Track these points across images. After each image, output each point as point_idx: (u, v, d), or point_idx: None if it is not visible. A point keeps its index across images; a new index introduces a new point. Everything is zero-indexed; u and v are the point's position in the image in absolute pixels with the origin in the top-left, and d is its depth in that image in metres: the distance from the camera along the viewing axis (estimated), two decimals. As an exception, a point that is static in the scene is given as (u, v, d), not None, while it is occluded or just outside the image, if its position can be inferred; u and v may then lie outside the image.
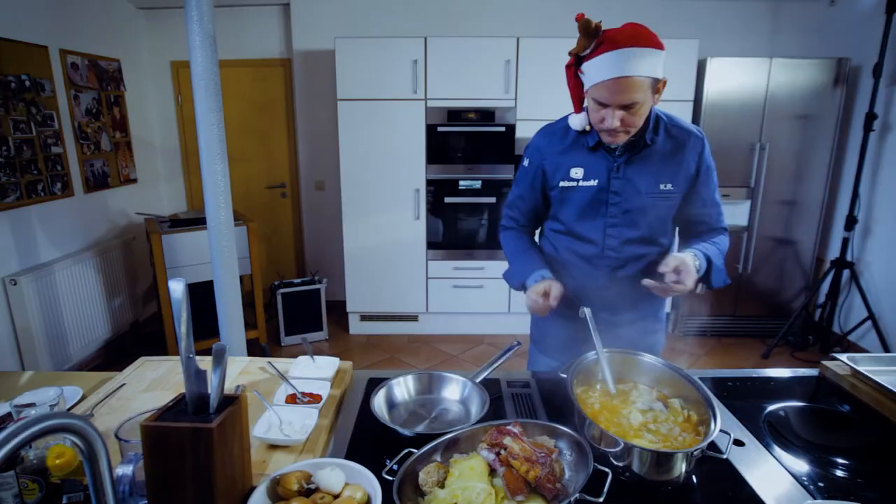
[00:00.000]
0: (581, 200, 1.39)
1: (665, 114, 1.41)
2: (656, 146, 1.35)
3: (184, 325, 0.85)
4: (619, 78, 1.18)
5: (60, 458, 0.89)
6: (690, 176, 1.37)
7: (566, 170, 1.40)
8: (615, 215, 1.38)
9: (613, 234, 1.39)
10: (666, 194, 1.36)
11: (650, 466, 0.95)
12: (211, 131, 1.86)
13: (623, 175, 1.35)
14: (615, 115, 1.23)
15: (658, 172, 1.35)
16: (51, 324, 3.04)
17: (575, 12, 1.37)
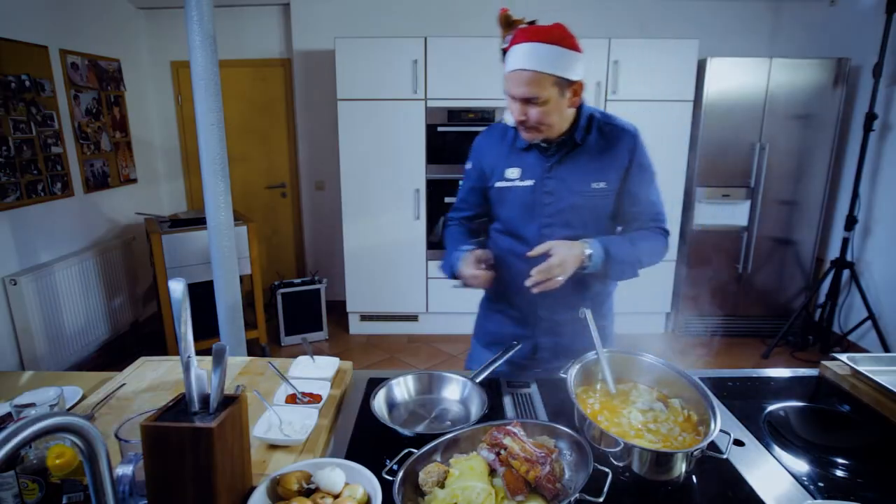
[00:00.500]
0: (516, 200, 1.41)
1: (601, 112, 1.42)
2: (588, 145, 1.36)
3: (184, 325, 0.85)
4: (519, 70, 1.21)
5: (60, 458, 0.89)
6: (622, 172, 1.37)
7: (502, 170, 1.42)
8: (550, 215, 1.38)
9: (548, 233, 1.38)
10: (599, 192, 1.37)
11: (650, 466, 0.95)
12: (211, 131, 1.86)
13: (556, 175, 1.36)
14: (520, 109, 1.26)
15: (590, 171, 1.36)
16: (51, 324, 3.04)
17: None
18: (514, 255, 1.45)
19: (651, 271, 4.37)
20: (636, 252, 1.37)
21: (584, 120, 1.35)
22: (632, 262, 1.37)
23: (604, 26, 3.93)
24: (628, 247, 1.36)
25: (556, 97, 1.24)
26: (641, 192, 1.40)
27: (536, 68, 1.20)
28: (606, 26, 3.93)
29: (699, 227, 3.76)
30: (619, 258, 1.33)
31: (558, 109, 1.27)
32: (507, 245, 1.47)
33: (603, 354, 1.21)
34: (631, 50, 3.52)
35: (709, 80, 3.52)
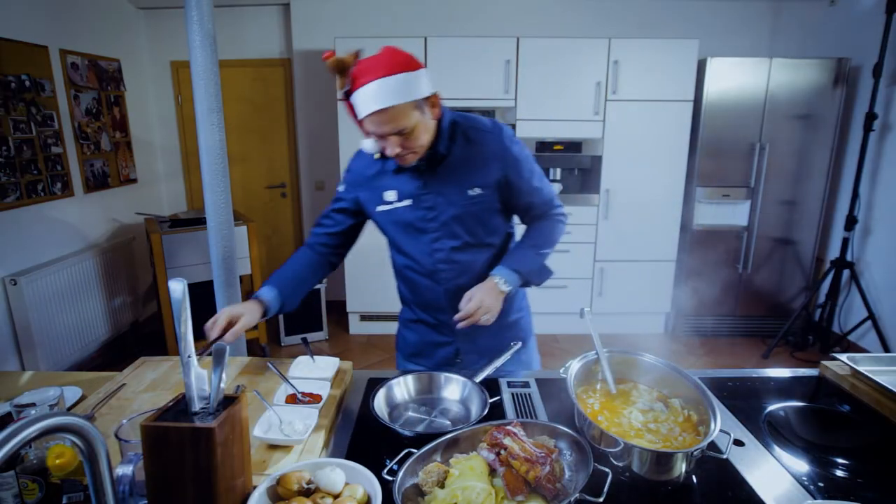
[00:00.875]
0: (401, 221, 1.40)
1: (462, 116, 1.41)
2: (455, 155, 1.35)
3: (184, 325, 0.85)
4: (378, 111, 1.18)
5: (60, 458, 0.89)
6: (496, 174, 1.36)
7: (380, 194, 1.41)
8: (436, 230, 1.38)
9: (439, 246, 1.40)
10: (477, 199, 1.36)
11: (650, 466, 0.95)
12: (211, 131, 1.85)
13: (431, 189, 1.36)
14: (392, 142, 1.23)
15: (463, 180, 1.35)
16: (51, 324, 3.04)
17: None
18: (413, 272, 1.46)
19: (651, 271, 4.37)
20: (541, 255, 1.42)
21: (445, 129, 1.34)
22: (541, 265, 1.42)
23: (604, 26, 3.93)
24: (533, 255, 1.40)
25: (420, 118, 1.24)
26: (523, 183, 1.40)
27: (393, 103, 1.17)
28: (606, 26, 3.93)
29: (699, 227, 3.77)
30: (530, 269, 1.38)
31: (425, 129, 1.27)
32: (404, 262, 1.47)
33: (603, 354, 1.21)
34: (631, 50, 3.52)
35: (709, 80, 3.52)
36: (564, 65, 3.54)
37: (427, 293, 1.47)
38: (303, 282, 1.48)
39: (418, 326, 1.55)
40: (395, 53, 1.20)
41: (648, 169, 3.70)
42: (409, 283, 1.50)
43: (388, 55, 1.20)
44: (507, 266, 1.37)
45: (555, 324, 3.93)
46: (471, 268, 1.43)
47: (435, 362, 1.55)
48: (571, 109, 3.62)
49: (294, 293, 1.45)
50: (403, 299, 1.59)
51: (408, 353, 1.60)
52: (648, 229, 3.79)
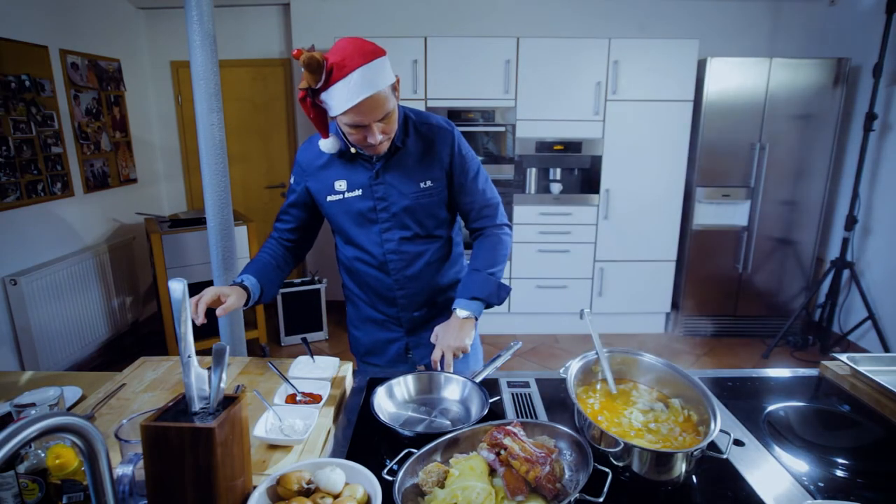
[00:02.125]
0: (351, 211, 1.42)
1: (413, 111, 1.44)
2: (409, 148, 1.39)
3: (184, 325, 0.85)
4: (364, 99, 1.18)
5: (60, 458, 0.89)
6: (446, 168, 1.41)
7: (330, 184, 1.42)
8: (386, 220, 1.41)
9: (389, 237, 1.43)
10: (428, 191, 1.40)
11: (650, 466, 0.95)
12: (211, 131, 1.85)
13: (384, 180, 1.39)
14: (376, 129, 1.24)
15: (415, 172, 1.39)
16: (51, 324, 3.04)
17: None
18: (362, 263, 1.48)
19: (651, 271, 4.37)
20: (493, 276, 1.43)
21: (400, 121, 1.36)
22: (497, 285, 1.43)
23: (604, 26, 3.93)
24: (485, 278, 1.42)
25: (394, 103, 1.27)
26: (467, 182, 1.44)
27: (377, 88, 1.19)
28: (606, 26, 3.93)
29: (699, 227, 3.76)
30: (488, 293, 1.41)
31: (397, 112, 1.31)
32: (353, 254, 1.49)
33: (603, 354, 1.21)
34: (631, 50, 3.52)
35: (709, 80, 3.52)
36: (564, 65, 3.54)
37: (376, 285, 1.49)
38: (277, 272, 1.49)
39: (366, 326, 1.58)
40: (361, 42, 1.21)
41: (648, 169, 3.70)
42: (358, 276, 1.52)
43: (356, 44, 1.20)
44: (465, 297, 1.40)
45: (555, 324, 3.93)
46: (419, 258, 1.46)
47: (388, 359, 1.58)
48: (571, 109, 3.62)
49: (271, 283, 1.45)
50: (349, 297, 1.60)
51: (361, 353, 1.63)
52: (648, 229, 3.79)
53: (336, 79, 1.17)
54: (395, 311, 1.51)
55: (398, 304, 1.50)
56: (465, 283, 1.43)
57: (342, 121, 1.24)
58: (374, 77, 1.19)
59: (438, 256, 1.49)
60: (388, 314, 1.53)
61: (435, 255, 1.48)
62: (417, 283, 1.48)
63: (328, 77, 1.18)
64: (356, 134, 1.26)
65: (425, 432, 1.08)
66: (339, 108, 1.21)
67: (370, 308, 1.55)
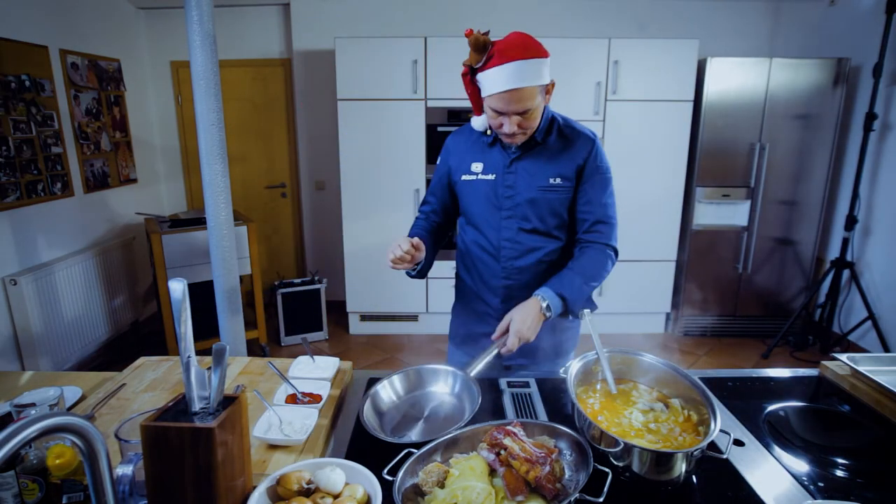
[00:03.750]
0: (479, 193, 1.48)
1: (562, 117, 1.49)
2: (548, 144, 1.43)
3: (184, 325, 0.85)
4: (511, 90, 1.26)
5: (60, 458, 0.89)
6: (578, 170, 1.44)
7: (468, 165, 1.50)
8: (509, 208, 1.45)
9: (508, 225, 1.46)
10: (555, 188, 1.43)
11: (650, 466, 0.95)
12: (211, 131, 1.86)
13: (516, 169, 1.44)
14: (512, 121, 1.31)
15: (548, 167, 1.43)
16: (51, 324, 3.04)
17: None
18: (477, 247, 1.53)
19: (651, 271, 4.38)
20: (588, 286, 1.42)
21: (545, 121, 1.42)
22: (587, 296, 1.45)
23: (604, 26, 3.93)
24: (580, 284, 1.39)
25: (540, 102, 1.33)
26: (594, 192, 1.46)
27: (527, 84, 1.26)
28: (606, 26, 3.93)
29: (699, 227, 3.76)
30: (575, 298, 1.38)
31: (540, 112, 1.37)
32: (472, 237, 1.54)
33: (603, 354, 1.21)
34: (631, 50, 3.52)
35: (709, 80, 3.52)
36: (564, 65, 3.53)
37: (485, 270, 1.53)
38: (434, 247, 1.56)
39: (466, 315, 1.63)
40: (529, 39, 1.28)
41: (648, 169, 3.70)
42: (471, 260, 1.56)
43: (523, 39, 1.27)
44: (553, 289, 1.36)
45: (555, 324, 3.92)
46: (533, 253, 1.48)
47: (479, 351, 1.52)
48: (571, 109, 3.57)
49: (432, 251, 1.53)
50: (458, 284, 1.66)
51: (457, 341, 1.68)
52: (648, 229, 3.79)
53: (494, 63, 1.26)
54: (497, 301, 1.52)
55: (501, 295, 1.51)
56: (559, 276, 1.40)
57: (487, 103, 1.32)
58: (527, 73, 1.25)
59: (552, 258, 1.49)
60: (490, 305, 1.54)
61: (549, 255, 1.49)
62: (524, 276, 1.49)
63: (487, 60, 1.27)
64: (495, 119, 1.34)
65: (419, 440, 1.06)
66: (488, 91, 1.29)
67: (474, 297, 1.58)
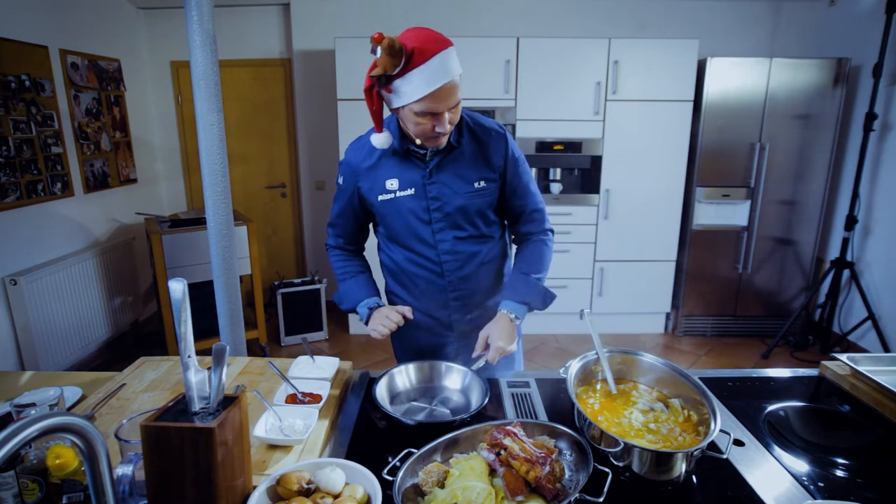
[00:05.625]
0: (403, 211, 1.40)
1: (467, 113, 1.42)
2: (463, 147, 1.38)
3: (184, 325, 0.85)
4: (445, 85, 1.18)
5: (60, 458, 0.89)
6: (499, 171, 1.41)
7: (381, 183, 1.39)
8: (439, 220, 1.39)
9: (443, 237, 1.41)
10: (481, 191, 1.39)
11: (650, 466, 0.95)
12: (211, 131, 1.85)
13: (437, 179, 1.37)
14: (445, 119, 1.23)
15: (469, 172, 1.38)
16: (51, 324, 3.04)
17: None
18: (415, 265, 1.46)
19: (651, 271, 4.37)
20: (539, 281, 1.44)
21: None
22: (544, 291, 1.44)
23: (604, 26, 3.93)
24: (533, 283, 1.42)
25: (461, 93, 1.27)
26: (520, 185, 1.45)
27: (454, 75, 1.19)
28: (606, 26, 3.93)
29: (699, 227, 3.76)
30: (534, 298, 1.41)
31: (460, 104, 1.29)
32: (404, 256, 1.47)
33: (603, 354, 1.21)
34: (631, 50, 3.52)
35: (709, 80, 3.52)
36: (564, 65, 3.54)
37: (428, 288, 1.47)
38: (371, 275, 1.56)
39: (413, 332, 1.53)
40: (431, 31, 1.20)
41: (648, 169, 3.70)
42: (408, 279, 1.49)
43: (427, 32, 1.19)
44: (513, 300, 1.39)
45: (555, 324, 3.93)
46: (474, 259, 1.45)
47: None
48: (571, 109, 3.62)
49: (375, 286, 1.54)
50: (395, 301, 1.56)
51: (411, 355, 1.59)
52: (648, 229, 3.79)
53: (416, 64, 1.16)
54: (446, 314, 1.49)
55: (451, 307, 1.48)
56: (513, 285, 1.42)
57: (414, 108, 1.22)
58: (450, 64, 1.18)
59: (492, 256, 1.48)
60: (439, 318, 1.50)
61: (489, 256, 1.47)
62: (471, 284, 1.46)
63: (407, 62, 1.16)
64: (425, 123, 1.24)
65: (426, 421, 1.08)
66: (415, 95, 1.19)
67: (419, 313, 1.50)
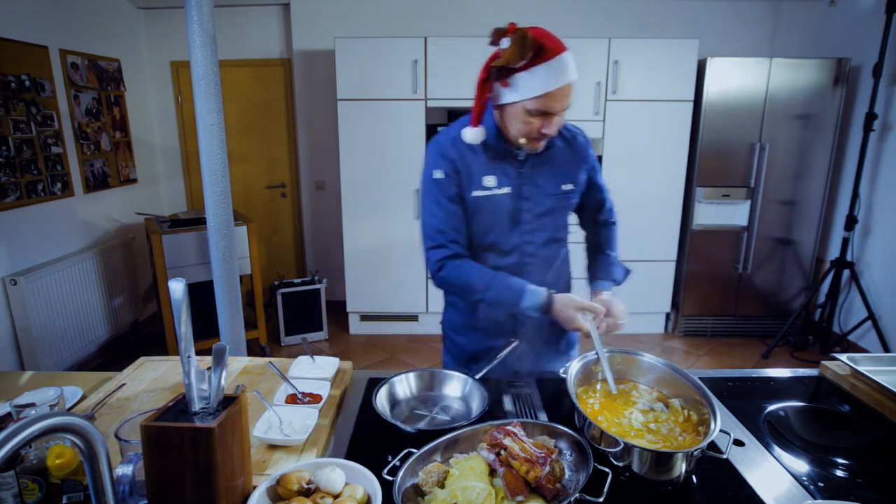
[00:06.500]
0: (498, 208, 1.34)
1: None
2: (554, 150, 1.37)
3: (184, 325, 0.85)
4: (562, 86, 1.17)
5: (60, 458, 0.89)
6: (584, 173, 1.43)
7: (478, 178, 1.32)
8: (529, 221, 1.36)
9: (531, 238, 1.38)
10: (568, 194, 1.40)
11: (650, 466, 0.95)
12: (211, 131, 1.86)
13: (530, 180, 1.35)
14: (554, 121, 1.22)
15: (559, 174, 1.37)
16: (51, 324, 3.04)
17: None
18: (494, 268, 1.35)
19: (651, 271, 4.36)
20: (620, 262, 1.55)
21: None
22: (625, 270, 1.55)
23: (604, 26, 3.93)
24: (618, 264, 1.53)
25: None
26: (599, 180, 1.51)
27: (574, 79, 1.18)
28: (606, 26, 3.93)
29: (699, 227, 3.76)
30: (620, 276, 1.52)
31: None
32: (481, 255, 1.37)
33: (603, 354, 1.21)
34: (631, 50, 3.52)
35: (709, 80, 3.52)
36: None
37: None
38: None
39: (473, 333, 1.46)
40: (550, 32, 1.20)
41: (648, 169, 3.70)
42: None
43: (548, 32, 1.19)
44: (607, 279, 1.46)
45: (555, 324, 3.93)
46: (553, 262, 1.44)
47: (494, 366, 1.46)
48: (571, 109, 3.59)
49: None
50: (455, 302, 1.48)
51: (464, 360, 1.50)
52: (648, 229, 3.79)
53: (542, 59, 1.14)
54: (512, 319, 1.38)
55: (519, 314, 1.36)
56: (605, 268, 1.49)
57: (528, 105, 1.18)
58: (571, 65, 1.18)
59: (564, 259, 1.50)
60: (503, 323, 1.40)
61: (562, 259, 1.49)
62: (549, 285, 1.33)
63: (534, 56, 1.14)
64: (534, 123, 1.20)
65: (427, 429, 1.08)
66: (535, 91, 1.16)
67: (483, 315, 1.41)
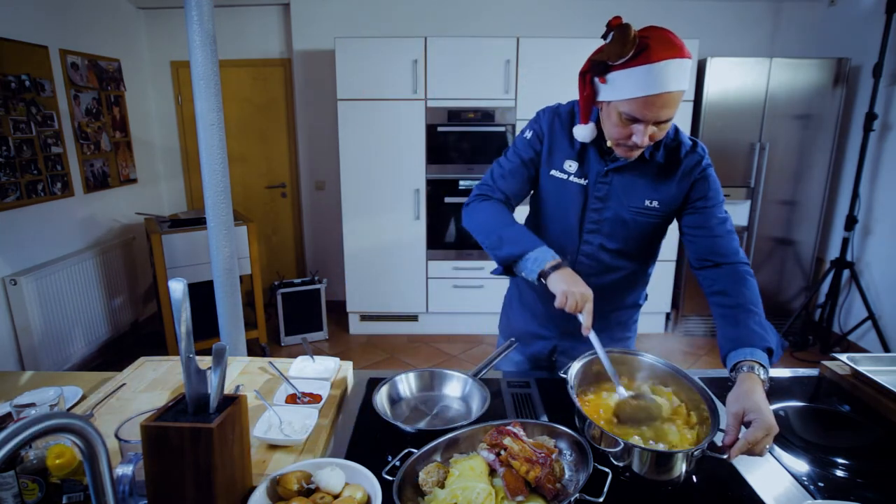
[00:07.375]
0: (568, 195, 1.28)
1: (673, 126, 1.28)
2: (653, 162, 1.24)
3: (184, 325, 0.85)
4: (659, 94, 1.04)
5: (60, 458, 0.89)
6: (683, 192, 1.25)
7: (561, 160, 1.27)
8: (593, 221, 1.29)
9: (590, 239, 1.30)
10: (650, 211, 1.26)
11: (650, 466, 0.95)
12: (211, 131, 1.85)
13: (611, 182, 1.25)
14: (647, 131, 1.09)
15: (647, 187, 1.24)
16: (51, 324, 3.04)
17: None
18: None
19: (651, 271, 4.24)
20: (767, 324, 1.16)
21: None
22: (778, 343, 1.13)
23: (604, 26, 3.93)
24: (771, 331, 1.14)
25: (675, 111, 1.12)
26: (710, 214, 1.23)
27: (679, 87, 1.05)
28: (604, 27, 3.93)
29: (699, 227, 3.76)
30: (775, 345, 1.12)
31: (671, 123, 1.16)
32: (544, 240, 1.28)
33: (603, 354, 1.21)
34: (631, 50, 3.51)
35: (709, 80, 3.52)
36: (564, 65, 3.53)
37: None
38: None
39: (523, 313, 1.46)
40: (675, 36, 1.07)
41: (648, 169, 3.70)
42: None
43: (669, 34, 1.06)
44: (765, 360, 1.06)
45: (555, 324, 3.93)
46: (610, 273, 1.33)
47: (531, 352, 1.47)
48: (571, 109, 3.62)
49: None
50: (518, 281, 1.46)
51: (508, 335, 1.50)
52: (648, 229, 3.79)
53: (641, 61, 1.04)
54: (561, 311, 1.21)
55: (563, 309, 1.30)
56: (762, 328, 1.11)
57: (620, 108, 1.09)
58: (676, 74, 1.04)
59: (629, 281, 1.36)
60: (552, 312, 1.31)
61: (627, 278, 1.35)
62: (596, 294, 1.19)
63: (633, 56, 1.04)
64: (623, 128, 1.11)
65: (427, 429, 1.08)
66: (628, 93, 1.06)
67: (537, 301, 1.41)
